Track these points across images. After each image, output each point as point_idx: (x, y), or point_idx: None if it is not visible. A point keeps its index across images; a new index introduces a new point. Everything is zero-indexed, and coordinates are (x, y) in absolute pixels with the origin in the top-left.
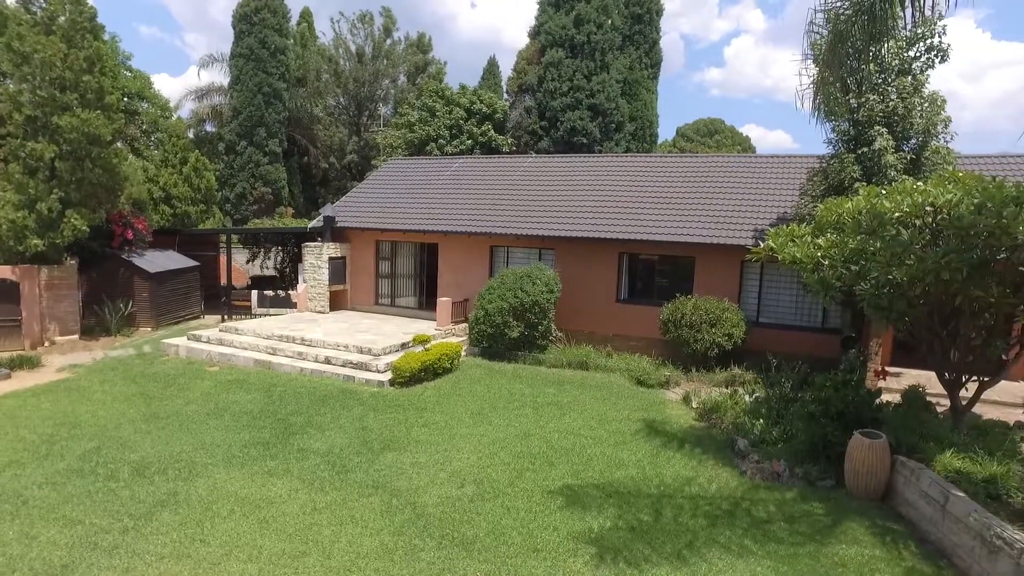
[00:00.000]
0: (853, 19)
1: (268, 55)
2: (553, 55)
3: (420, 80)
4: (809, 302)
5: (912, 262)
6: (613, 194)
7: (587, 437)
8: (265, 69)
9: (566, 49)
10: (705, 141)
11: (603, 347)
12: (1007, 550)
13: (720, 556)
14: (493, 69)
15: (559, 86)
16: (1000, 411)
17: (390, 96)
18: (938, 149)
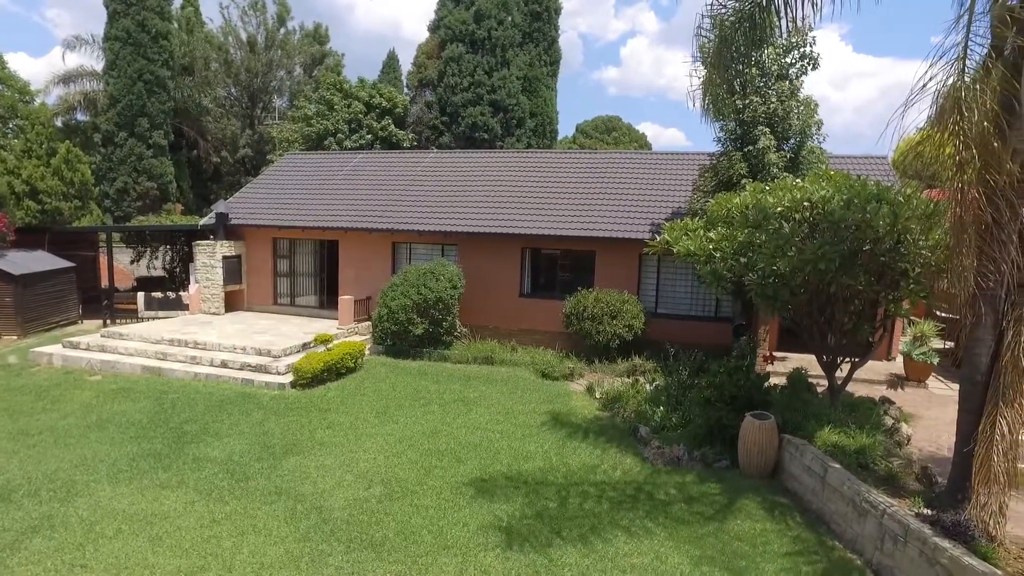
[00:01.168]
0: (736, 25)
1: (149, 40)
2: (454, 50)
3: (317, 72)
4: (703, 293)
5: (793, 253)
6: (515, 190)
7: (494, 431)
8: (146, 55)
9: (467, 44)
10: (604, 138)
11: (508, 341)
12: (872, 512)
13: (624, 538)
14: (393, 63)
15: (460, 81)
16: (868, 388)
17: (285, 88)
18: (813, 149)
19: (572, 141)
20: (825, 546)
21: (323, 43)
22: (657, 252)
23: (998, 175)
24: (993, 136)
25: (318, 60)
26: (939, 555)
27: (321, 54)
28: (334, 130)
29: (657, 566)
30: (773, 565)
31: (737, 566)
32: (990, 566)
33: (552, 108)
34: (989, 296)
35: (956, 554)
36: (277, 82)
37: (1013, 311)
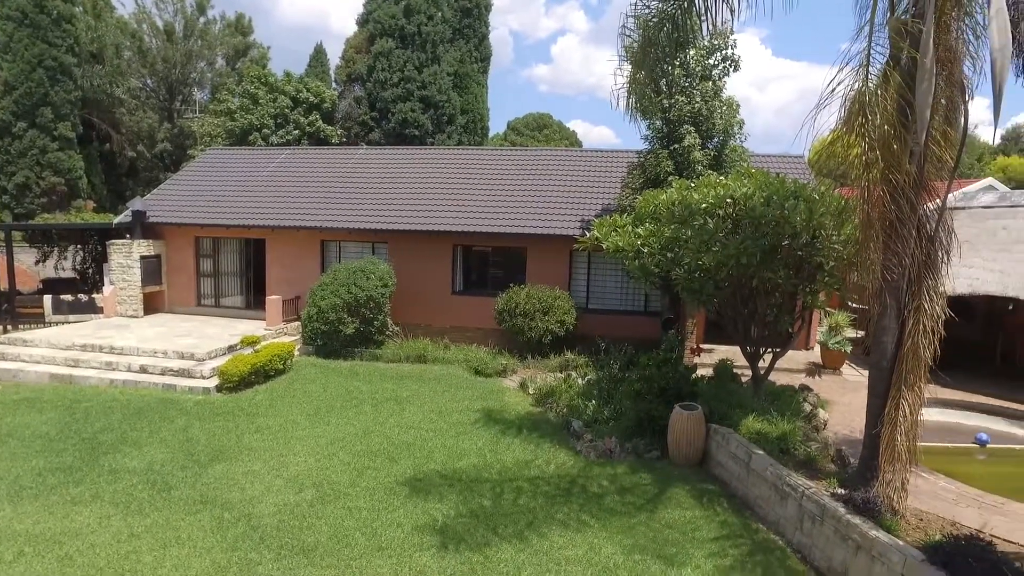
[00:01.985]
0: (659, 26)
1: (50, 22)
2: (383, 45)
3: (241, 65)
4: (633, 287)
5: (717, 249)
6: (446, 187)
7: (428, 430)
8: (46, 39)
9: (396, 39)
10: (535, 135)
11: (441, 339)
12: (793, 495)
13: (560, 533)
14: (320, 57)
15: (390, 77)
16: (789, 377)
17: (207, 80)
18: (735, 148)
19: (503, 138)
20: (750, 529)
21: (246, 34)
22: (587, 248)
23: (899, 175)
24: (894, 138)
25: (241, 52)
26: (851, 531)
27: (244, 46)
28: (259, 125)
29: (591, 557)
30: (702, 550)
31: (668, 553)
32: (893, 537)
33: (483, 105)
34: (893, 288)
35: (865, 529)
36: (197, 74)
37: (913, 301)
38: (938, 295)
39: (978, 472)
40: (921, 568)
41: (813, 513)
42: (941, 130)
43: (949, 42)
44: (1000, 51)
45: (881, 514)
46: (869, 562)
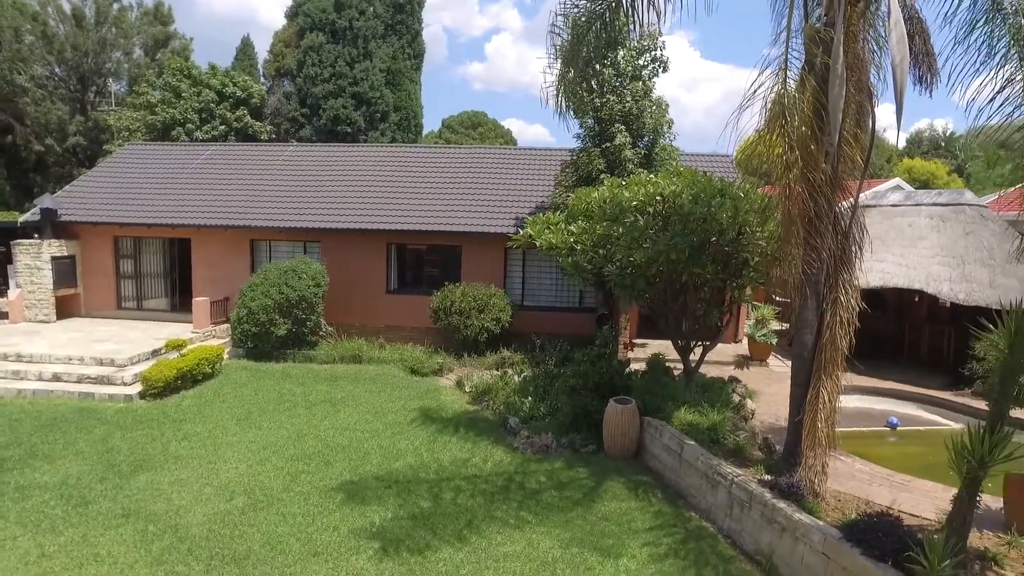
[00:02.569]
0: (589, 25)
1: None
2: (313, 39)
3: (161, 56)
4: (567, 284)
5: (648, 245)
6: (380, 185)
7: (364, 431)
8: None
9: (327, 34)
10: (469, 133)
11: (376, 339)
12: (723, 483)
13: (499, 530)
14: (248, 50)
15: (320, 72)
16: (719, 369)
17: (123, 71)
18: (665, 147)
19: (438, 136)
20: (683, 518)
21: (166, 24)
22: (521, 246)
23: (816, 174)
24: (811, 139)
25: (161, 42)
26: (776, 515)
27: (164, 36)
28: (182, 119)
29: (529, 552)
30: (637, 540)
31: (604, 545)
32: (814, 518)
33: (417, 102)
34: (813, 281)
35: (789, 512)
36: (113, 64)
37: (831, 294)
38: (853, 288)
39: (889, 453)
40: (838, 545)
41: (742, 499)
42: (852, 132)
43: (857, 50)
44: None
45: (804, 497)
46: (793, 543)
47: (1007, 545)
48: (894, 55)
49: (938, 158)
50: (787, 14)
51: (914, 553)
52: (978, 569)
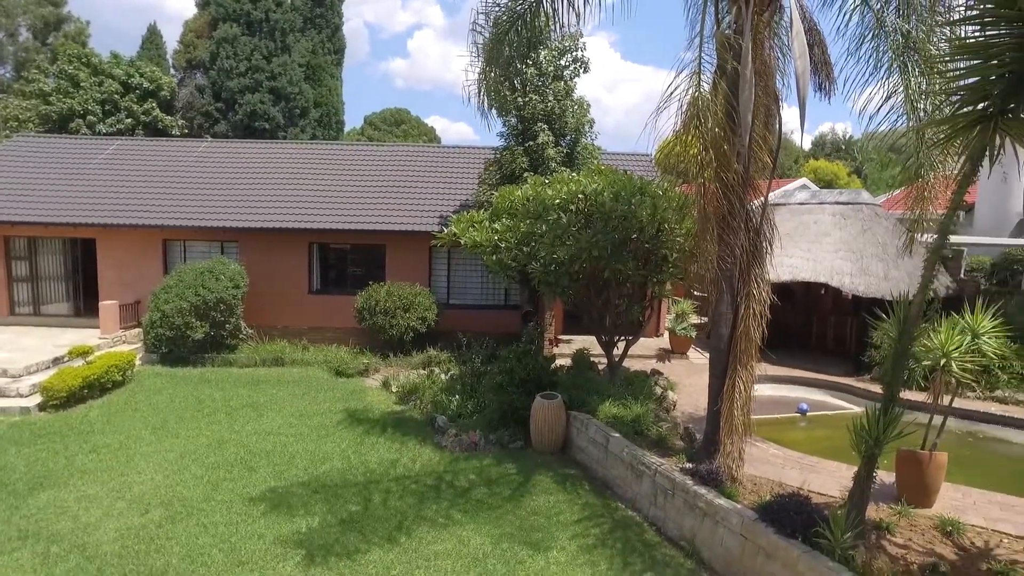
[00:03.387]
0: (510, 24)
1: None
2: (227, 30)
3: (53, 40)
4: (492, 282)
5: (571, 242)
6: (301, 183)
7: (288, 435)
8: None
9: (242, 25)
10: (392, 131)
11: (299, 341)
12: (647, 472)
13: (429, 530)
14: (155, 39)
15: (236, 65)
16: (642, 363)
17: (8, 55)
18: (587, 146)
19: (360, 133)
20: (610, 508)
21: (57, 5)
22: (446, 244)
23: (729, 173)
24: (724, 140)
25: (53, 25)
26: (698, 500)
27: (56, 18)
28: (82, 111)
29: (460, 550)
30: (566, 532)
31: (534, 539)
32: (732, 502)
33: (338, 98)
34: (727, 276)
35: (710, 498)
36: None
37: (744, 288)
38: (764, 282)
39: (800, 437)
40: (755, 526)
41: (665, 488)
42: (762, 134)
43: (764, 57)
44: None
45: (723, 483)
46: (713, 526)
47: (898, 515)
48: (797, 64)
49: (840, 160)
50: (700, 20)
51: (821, 528)
52: (874, 538)
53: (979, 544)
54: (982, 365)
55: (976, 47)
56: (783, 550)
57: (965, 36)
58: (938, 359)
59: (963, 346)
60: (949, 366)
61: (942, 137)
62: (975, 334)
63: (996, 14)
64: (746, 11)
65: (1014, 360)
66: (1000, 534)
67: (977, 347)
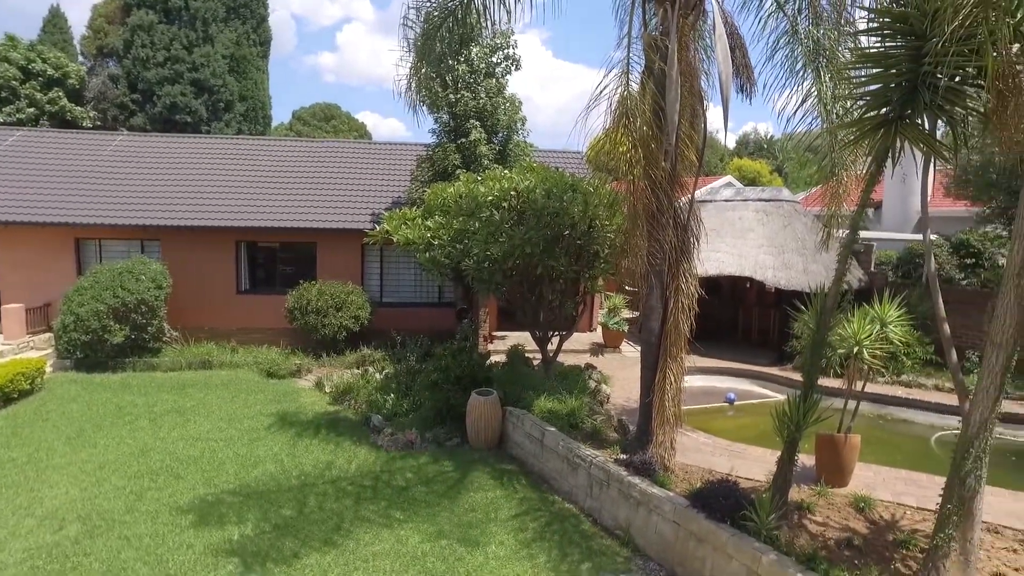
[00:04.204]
0: (442, 20)
1: None
2: (142, 17)
3: None
4: (426, 280)
5: (504, 239)
6: (227, 179)
7: (217, 440)
8: None
9: (159, 12)
10: (322, 126)
11: (228, 342)
12: (582, 465)
13: (368, 531)
14: (58, 22)
15: (153, 55)
16: (576, 357)
17: None
18: (519, 143)
19: (288, 128)
20: (547, 501)
21: None
22: (378, 242)
23: (657, 171)
24: (652, 139)
25: None
26: (632, 490)
27: None
28: None
29: (398, 549)
30: (504, 527)
31: (472, 535)
32: (665, 490)
33: (264, 92)
34: (657, 271)
35: (644, 487)
36: None
37: (673, 283)
38: (692, 276)
39: (728, 426)
40: (686, 512)
41: (600, 479)
42: (688, 133)
43: (689, 59)
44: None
45: (656, 472)
46: (647, 514)
47: (817, 495)
48: (720, 66)
49: (762, 158)
50: (628, 21)
51: (748, 511)
52: (796, 518)
53: (887, 517)
54: (890, 352)
55: (877, 57)
56: (713, 534)
57: (868, 46)
58: (851, 347)
59: (873, 335)
60: (861, 354)
61: (851, 139)
62: (883, 323)
63: (893, 28)
64: (672, 14)
65: (916, 347)
66: (904, 507)
67: (885, 335)
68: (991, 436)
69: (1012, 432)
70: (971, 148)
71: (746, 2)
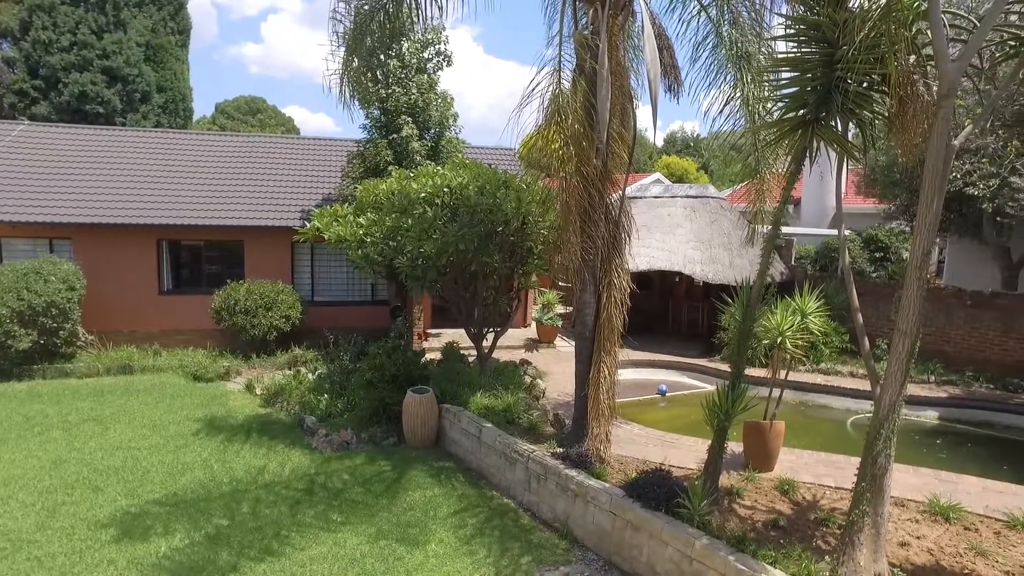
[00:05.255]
0: (372, 14)
1: None
2: None
3: None
4: (359, 278)
5: (437, 236)
6: (146, 174)
7: (141, 448)
8: None
9: None
10: (248, 120)
11: (150, 345)
12: (520, 460)
13: (306, 536)
14: None
15: (56, 38)
16: (511, 353)
17: None
18: (451, 139)
19: (212, 122)
20: (486, 497)
21: None
22: (309, 239)
23: (589, 168)
24: (584, 136)
25: None
26: (569, 483)
27: None
28: None
29: (336, 552)
30: (443, 525)
31: (411, 534)
32: (601, 482)
33: (185, 83)
34: (590, 266)
35: (581, 479)
36: None
37: (605, 278)
38: (624, 271)
39: (660, 417)
40: (623, 502)
41: (538, 473)
42: (618, 131)
43: (619, 58)
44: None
45: (592, 464)
46: (585, 506)
47: (745, 480)
48: (649, 65)
49: (689, 156)
50: (559, 20)
51: (681, 499)
52: (727, 503)
53: (809, 498)
54: (810, 342)
55: (794, 61)
56: (648, 522)
57: (786, 51)
58: (775, 338)
59: (795, 325)
60: (784, 344)
61: (772, 139)
62: (804, 314)
63: (807, 35)
64: (602, 13)
65: (834, 336)
66: (824, 487)
67: (806, 326)
68: (899, 417)
69: (915, 413)
70: (878, 149)
71: (672, 5)
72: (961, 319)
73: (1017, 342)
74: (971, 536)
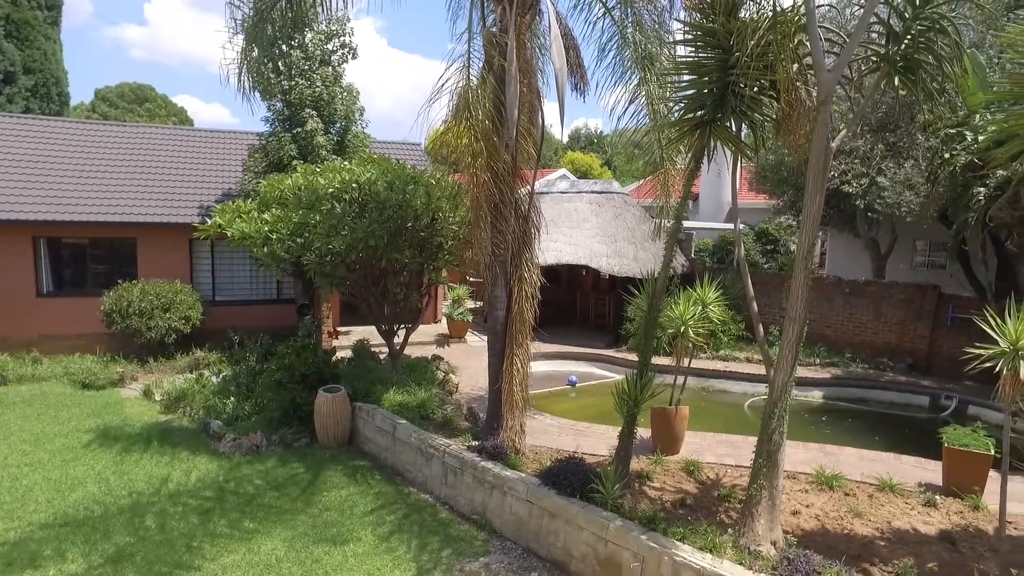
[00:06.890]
0: (274, 1)
1: None
2: None
3: None
4: (264, 276)
5: (346, 232)
6: (16, 165)
7: (20, 465)
8: None
9: None
10: (134, 108)
11: (27, 352)
12: (436, 455)
13: (219, 546)
14: None
15: None
16: (422, 349)
17: None
18: (358, 134)
19: (91, 109)
20: (403, 494)
21: None
22: (210, 236)
23: (499, 163)
24: (493, 132)
25: None
26: (486, 475)
27: None
28: None
29: (251, 559)
30: (361, 523)
31: (329, 535)
32: (517, 472)
33: (58, 65)
34: (501, 261)
35: (497, 471)
36: None
37: (516, 272)
38: (534, 266)
39: (572, 407)
40: (539, 491)
41: (454, 467)
42: (527, 128)
43: (527, 56)
44: (560, 73)
45: (507, 456)
46: (502, 496)
47: (654, 463)
48: (555, 65)
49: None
50: (468, 16)
51: (595, 485)
52: (638, 486)
53: (712, 477)
54: (710, 330)
55: (692, 65)
56: (564, 509)
57: (686, 55)
58: (679, 327)
59: (696, 315)
60: (687, 332)
61: (674, 137)
62: (704, 304)
63: (704, 40)
64: (509, 12)
65: (731, 324)
66: (725, 466)
67: (706, 315)
68: (790, 398)
69: (803, 393)
70: (768, 149)
71: (579, 5)
72: (840, 306)
73: (885, 325)
74: (850, 500)
